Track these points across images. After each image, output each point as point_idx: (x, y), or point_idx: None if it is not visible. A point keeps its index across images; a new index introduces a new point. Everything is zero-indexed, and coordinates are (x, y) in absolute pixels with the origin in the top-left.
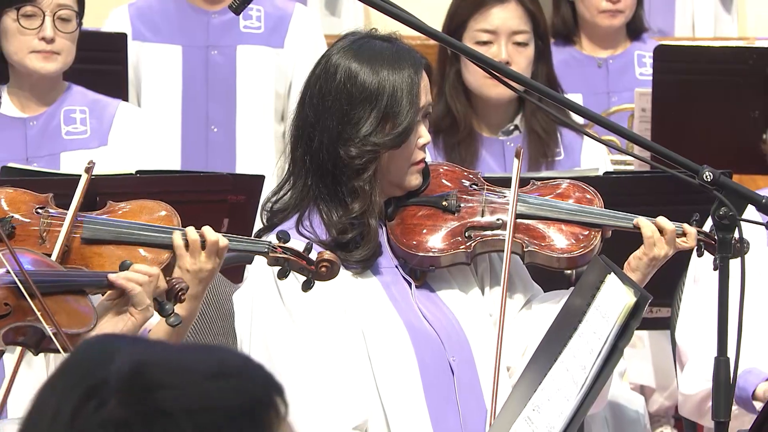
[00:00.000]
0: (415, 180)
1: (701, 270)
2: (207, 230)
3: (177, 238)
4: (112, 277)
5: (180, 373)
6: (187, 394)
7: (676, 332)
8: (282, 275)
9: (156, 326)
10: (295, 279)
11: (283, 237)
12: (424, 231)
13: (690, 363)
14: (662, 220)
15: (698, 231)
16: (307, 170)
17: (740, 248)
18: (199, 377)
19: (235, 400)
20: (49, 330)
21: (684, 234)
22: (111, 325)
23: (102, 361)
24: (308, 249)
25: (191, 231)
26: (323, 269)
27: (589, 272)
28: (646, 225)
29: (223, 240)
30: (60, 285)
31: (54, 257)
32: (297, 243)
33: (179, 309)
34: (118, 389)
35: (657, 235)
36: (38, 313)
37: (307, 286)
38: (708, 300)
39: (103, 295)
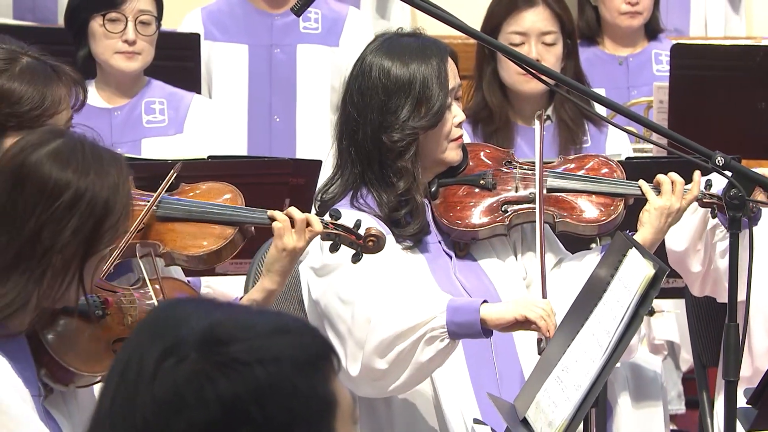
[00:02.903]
0: (455, 155)
1: None
2: (295, 211)
3: (280, 217)
4: None
5: (248, 329)
6: (257, 346)
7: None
8: (333, 249)
9: (244, 300)
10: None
11: (335, 214)
12: (465, 208)
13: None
14: (673, 174)
15: (710, 194)
16: (353, 160)
17: (749, 209)
18: (265, 333)
19: (298, 352)
20: None
21: (688, 189)
22: None
23: (176, 322)
24: (357, 225)
25: (279, 214)
26: (370, 243)
27: (613, 247)
28: (662, 176)
29: (319, 226)
30: None
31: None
32: (348, 218)
33: (269, 283)
34: (195, 346)
35: (668, 186)
36: None
37: (356, 259)
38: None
39: None
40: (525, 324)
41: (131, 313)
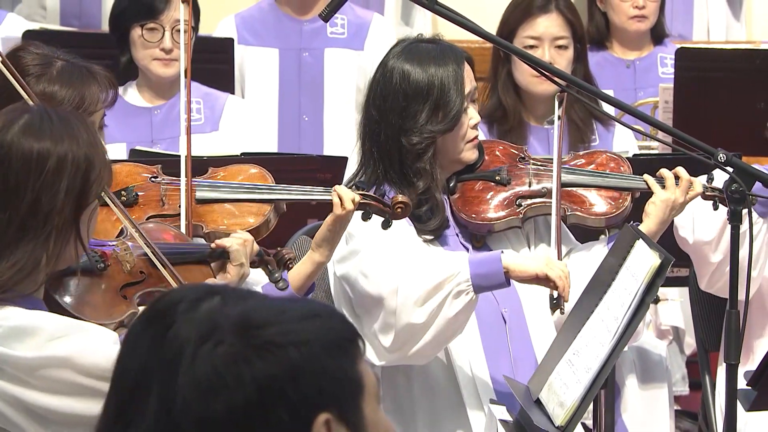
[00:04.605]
0: (471, 155)
1: None
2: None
3: (335, 197)
4: (214, 245)
5: (280, 314)
6: (289, 330)
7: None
8: (365, 217)
9: (294, 273)
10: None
11: (362, 186)
12: (482, 202)
13: (698, 218)
14: (679, 169)
15: (712, 187)
16: (375, 160)
17: (749, 202)
18: (296, 317)
19: (327, 335)
20: None
21: (692, 184)
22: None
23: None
24: (383, 194)
25: (341, 190)
26: (399, 210)
27: (621, 238)
28: (666, 171)
29: (357, 196)
30: (184, 255)
31: (183, 215)
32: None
33: (320, 256)
34: (231, 330)
35: (672, 180)
36: (169, 279)
37: (386, 225)
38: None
39: (214, 265)
40: (544, 280)
41: (128, 259)
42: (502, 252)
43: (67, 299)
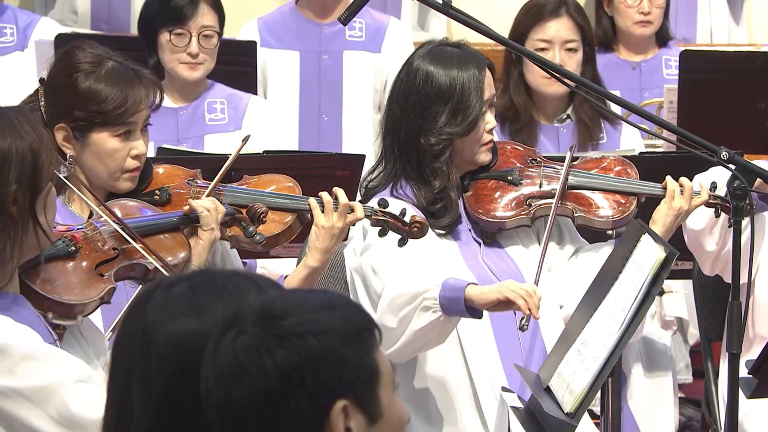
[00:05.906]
0: (485, 157)
1: None
2: (341, 194)
3: (313, 201)
4: (186, 208)
5: (299, 305)
6: (308, 320)
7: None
8: (382, 234)
9: (290, 276)
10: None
11: (383, 203)
12: (494, 201)
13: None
14: (683, 179)
15: (715, 195)
16: (395, 155)
17: (751, 210)
18: (315, 308)
19: (345, 325)
20: (155, 263)
21: (698, 193)
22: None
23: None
24: (403, 213)
25: (325, 195)
26: (415, 229)
27: (627, 233)
28: (670, 180)
29: (361, 211)
30: (155, 226)
31: None
32: (394, 207)
33: (312, 260)
34: (253, 320)
35: (678, 189)
36: (142, 251)
37: (402, 243)
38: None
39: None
40: (508, 304)
41: (99, 238)
42: (469, 284)
43: (45, 285)
